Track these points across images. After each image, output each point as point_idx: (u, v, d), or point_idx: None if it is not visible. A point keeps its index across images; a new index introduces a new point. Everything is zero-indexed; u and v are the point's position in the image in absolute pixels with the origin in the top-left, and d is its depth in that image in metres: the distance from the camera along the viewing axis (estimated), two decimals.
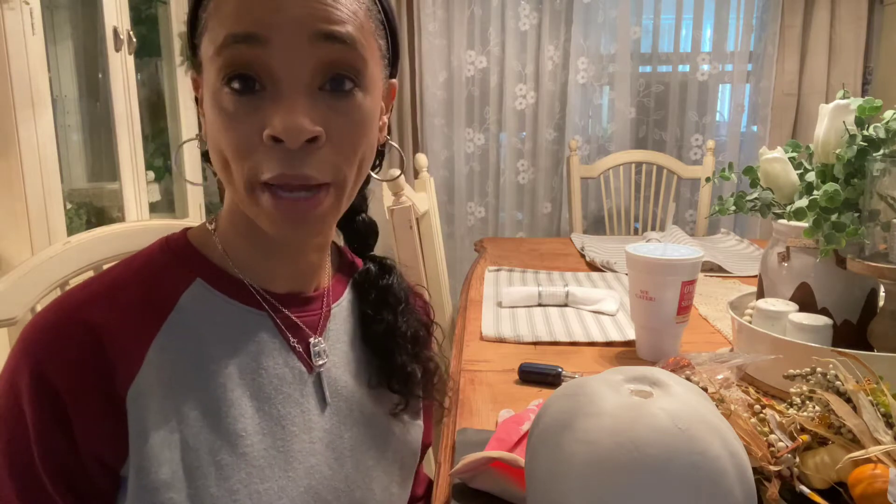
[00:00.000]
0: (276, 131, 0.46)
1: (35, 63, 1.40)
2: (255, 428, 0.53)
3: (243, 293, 0.56)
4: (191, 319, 0.53)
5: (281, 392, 0.56)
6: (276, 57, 0.47)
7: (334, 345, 0.62)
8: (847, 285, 0.89)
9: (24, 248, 1.39)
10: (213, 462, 0.51)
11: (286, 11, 0.46)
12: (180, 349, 0.52)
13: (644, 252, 0.99)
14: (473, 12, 2.63)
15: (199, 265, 0.56)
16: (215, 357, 0.53)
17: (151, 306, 0.52)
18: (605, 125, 2.76)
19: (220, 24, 0.48)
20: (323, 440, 0.58)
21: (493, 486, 0.67)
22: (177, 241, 0.58)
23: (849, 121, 0.87)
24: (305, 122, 0.46)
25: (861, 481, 0.54)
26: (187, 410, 0.51)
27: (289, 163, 0.47)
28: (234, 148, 0.48)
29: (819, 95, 2.54)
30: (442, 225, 2.13)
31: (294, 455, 0.55)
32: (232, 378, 0.53)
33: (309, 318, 0.60)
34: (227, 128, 0.48)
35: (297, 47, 0.47)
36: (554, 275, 1.58)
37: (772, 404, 0.64)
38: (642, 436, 0.45)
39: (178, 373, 0.51)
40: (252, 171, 0.48)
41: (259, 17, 0.46)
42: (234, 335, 0.55)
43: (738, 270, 1.62)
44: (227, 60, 0.47)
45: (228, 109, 0.48)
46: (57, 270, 0.83)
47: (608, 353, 1.08)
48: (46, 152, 1.44)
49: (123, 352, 0.50)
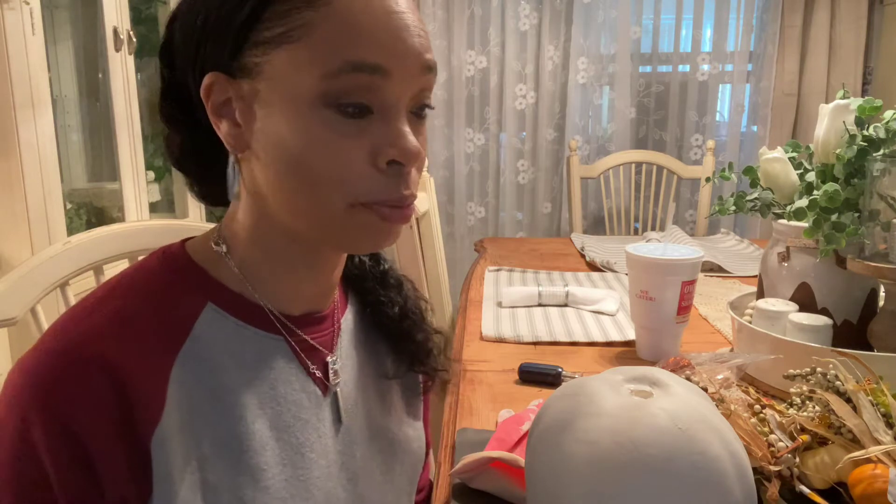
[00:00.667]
0: (397, 156, 0.48)
1: (35, 63, 1.40)
2: (276, 459, 0.52)
3: (257, 317, 0.54)
4: (206, 349, 0.50)
5: (299, 419, 0.54)
6: (393, 87, 0.47)
7: (345, 361, 0.60)
8: (847, 285, 0.89)
9: (24, 248, 1.39)
10: (236, 499, 0.49)
11: (405, 43, 0.47)
12: (197, 382, 0.49)
13: (644, 252, 0.99)
14: (473, 12, 2.63)
15: (209, 288, 0.52)
16: (232, 387, 0.51)
17: (165, 337, 0.49)
18: (605, 125, 2.76)
19: (333, 47, 0.45)
20: (337, 462, 0.57)
21: (493, 486, 0.67)
22: (177, 257, 0.54)
23: (849, 121, 0.87)
24: (417, 145, 0.49)
25: (861, 481, 0.54)
26: (206, 447, 0.49)
27: (404, 184, 0.49)
28: (336, 168, 0.47)
29: (819, 95, 2.54)
30: (442, 225, 2.13)
31: (313, 482, 0.54)
32: (250, 409, 0.51)
33: (323, 337, 0.58)
34: (330, 149, 0.46)
35: (412, 79, 0.48)
36: (554, 275, 1.58)
37: (772, 404, 0.64)
38: (642, 436, 0.45)
39: (196, 407, 0.49)
40: (356, 192, 0.48)
41: (384, 46, 0.46)
42: (249, 362, 0.52)
43: (738, 270, 1.62)
44: (345, 87, 0.46)
45: (334, 130, 0.46)
46: (57, 270, 0.83)
47: (608, 353, 1.08)
48: (46, 152, 1.44)
49: (142, 392, 0.46)
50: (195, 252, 0.54)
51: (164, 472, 0.47)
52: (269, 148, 0.48)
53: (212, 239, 0.55)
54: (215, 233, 0.55)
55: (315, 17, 0.45)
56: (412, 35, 0.47)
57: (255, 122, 0.48)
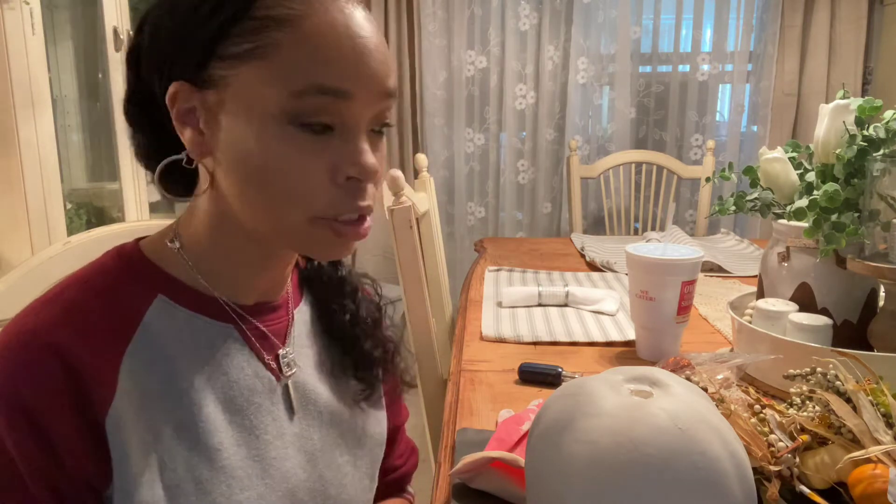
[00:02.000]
0: (356, 172, 0.51)
1: (35, 63, 1.40)
2: (231, 440, 0.54)
3: (207, 306, 0.56)
4: (156, 337, 0.53)
5: (252, 403, 0.57)
6: (354, 108, 0.50)
7: (300, 350, 0.63)
8: (847, 285, 0.89)
9: (24, 248, 1.40)
10: (193, 478, 0.51)
11: (368, 69, 0.50)
12: (149, 369, 0.52)
13: (644, 252, 0.99)
14: (473, 12, 2.63)
15: (159, 281, 0.55)
16: (184, 373, 0.53)
17: (115, 327, 0.52)
18: (605, 125, 2.76)
19: (299, 68, 0.48)
20: (294, 444, 0.60)
21: (493, 486, 0.67)
22: (130, 254, 0.56)
23: (849, 121, 0.87)
24: (377, 163, 0.52)
25: (861, 481, 0.54)
26: (162, 429, 0.51)
27: (361, 198, 0.52)
28: (296, 184, 0.50)
29: (819, 95, 2.54)
30: (442, 225, 2.13)
31: (270, 462, 0.57)
32: (203, 393, 0.54)
33: (276, 326, 0.61)
34: (290, 164, 0.49)
35: (373, 102, 0.51)
36: (554, 275, 1.58)
37: (772, 404, 0.64)
38: (642, 436, 0.45)
39: (150, 392, 0.51)
40: (315, 207, 0.51)
41: (349, 71, 0.49)
42: (201, 349, 0.55)
43: (738, 270, 1.62)
44: (309, 107, 0.49)
45: (295, 147, 0.49)
46: (57, 270, 0.83)
47: (608, 353, 1.08)
48: (46, 152, 1.44)
49: (93, 377, 0.49)
50: (148, 249, 0.57)
51: (121, 452, 0.49)
52: (232, 157, 0.51)
53: (167, 237, 0.57)
54: (171, 231, 0.58)
55: (283, 37, 0.48)
56: (375, 60, 0.50)
57: (219, 132, 0.51)
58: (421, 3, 2.57)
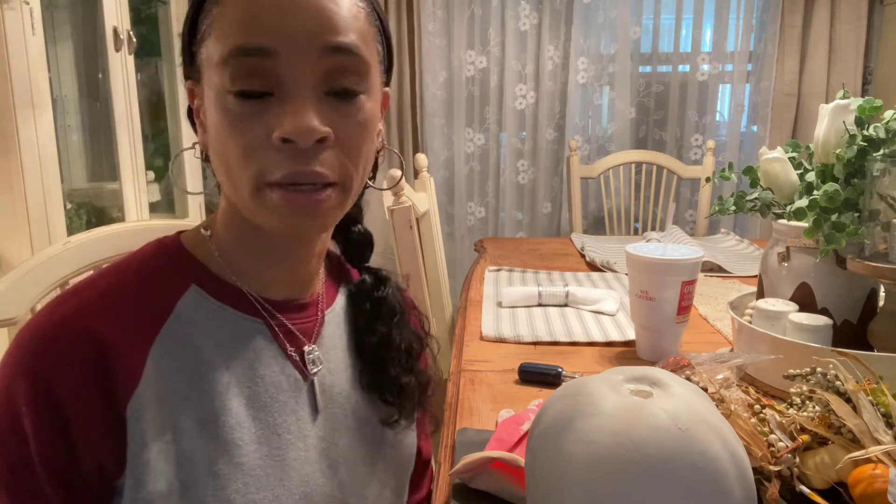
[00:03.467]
0: (287, 132, 0.47)
1: (35, 63, 1.40)
2: (252, 437, 0.53)
3: (239, 300, 0.56)
4: (187, 327, 0.53)
5: (277, 400, 0.56)
6: (284, 67, 0.48)
7: (329, 351, 0.62)
8: (847, 285, 0.89)
9: (24, 248, 1.39)
10: (210, 472, 0.51)
11: (295, 23, 0.47)
12: (177, 358, 0.52)
13: (644, 252, 0.99)
14: (473, 12, 2.63)
15: (194, 271, 0.55)
16: (212, 365, 0.53)
17: (148, 314, 0.52)
18: (605, 125, 2.76)
19: (225, 34, 0.48)
20: (317, 448, 0.58)
21: (493, 486, 0.67)
22: (170, 244, 0.57)
23: (849, 121, 0.87)
24: (315, 123, 0.48)
25: (861, 481, 0.54)
26: (184, 420, 0.51)
27: (299, 161, 0.48)
28: (240, 151, 0.49)
29: (819, 95, 2.54)
30: (442, 225, 2.13)
31: (289, 464, 0.55)
32: (228, 386, 0.53)
33: (305, 324, 0.60)
34: (234, 132, 0.49)
35: (306, 59, 0.48)
36: (554, 275, 1.58)
37: (772, 404, 0.64)
38: (642, 436, 0.45)
39: (175, 382, 0.51)
40: (259, 173, 0.49)
41: (268, 28, 0.47)
42: (230, 343, 0.54)
43: (738, 270, 1.62)
44: (235, 71, 0.48)
45: (235, 114, 0.48)
46: (57, 270, 0.83)
47: (608, 353, 1.08)
48: (46, 152, 1.44)
49: (123, 362, 0.49)
50: (187, 239, 0.57)
51: (138, 440, 0.49)
52: (210, 140, 0.52)
53: (202, 225, 0.58)
54: (207, 220, 0.59)
55: (221, 10, 0.49)
56: (306, 13, 0.48)
57: (205, 119, 0.52)
58: (421, 3, 2.57)
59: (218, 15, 0.49)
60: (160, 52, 2.09)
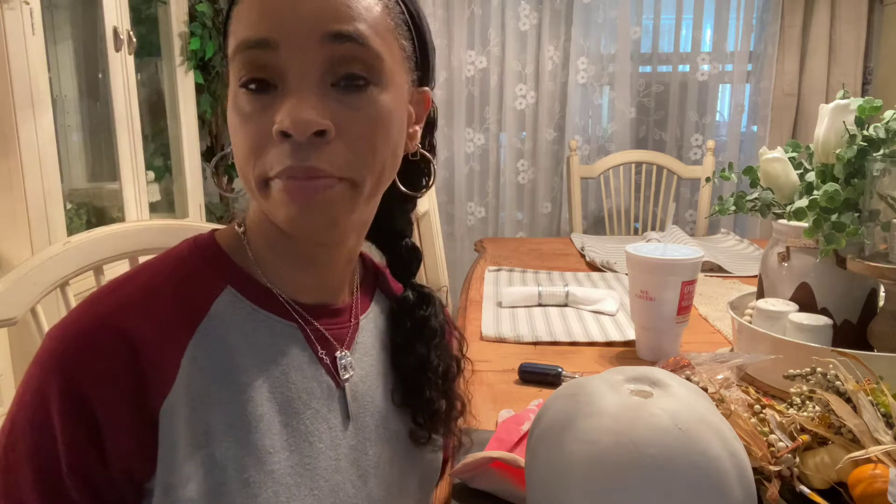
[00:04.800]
0: (284, 125, 0.46)
1: (35, 63, 1.40)
2: (283, 444, 0.52)
3: (273, 303, 0.55)
4: (221, 329, 0.52)
5: (309, 407, 0.55)
6: (285, 59, 0.47)
7: (361, 358, 0.60)
8: (847, 285, 0.89)
9: (24, 248, 1.40)
10: (241, 479, 0.49)
11: (296, 14, 0.47)
12: (211, 360, 0.50)
13: (644, 252, 0.99)
14: (473, 12, 2.63)
15: (229, 272, 0.54)
16: (245, 369, 0.52)
17: (184, 315, 0.51)
18: (605, 125, 2.76)
19: (235, 33, 0.49)
20: (348, 457, 0.57)
21: (493, 486, 0.67)
22: (205, 243, 0.56)
23: (849, 121, 0.87)
24: (311, 115, 0.46)
25: (861, 481, 0.54)
26: (216, 424, 0.49)
27: (297, 155, 0.47)
28: (247, 148, 0.49)
29: (819, 95, 2.54)
30: (442, 225, 2.13)
31: (320, 472, 0.54)
32: (261, 391, 0.52)
33: (338, 330, 0.58)
34: (242, 128, 0.49)
35: (307, 49, 0.47)
36: (554, 275, 1.58)
37: (772, 404, 0.64)
38: (642, 436, 0.45)
39: (208, 385, 0.50)
40: (262, 168, 0.48)
41: (270, 22, 0.47)
42: (263, 346, 0.53)
43: (738, 270, 1.62)
44: (240, 64, 0.48)
45: (244, 110, 0.48)
46: (57, 270, 0.83)
47: (608, 353, 1.08)
48: (46, 152, 1.44)
49: (157, 363, 0.48)
50: (223, 238, 0.57)
51: (169, 443, 0.48)
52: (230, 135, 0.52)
53: (236, 223, 0.57)
54: (240, 219, 0.57)
55: (238, 10, 0.49)
56: (307, 4, 0.47)
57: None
58: (421, 3, 2.57)
59: (235, 15, 0.49)
60: (160, 52, 2.09)
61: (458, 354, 0.67)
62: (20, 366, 1.42)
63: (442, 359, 0.64)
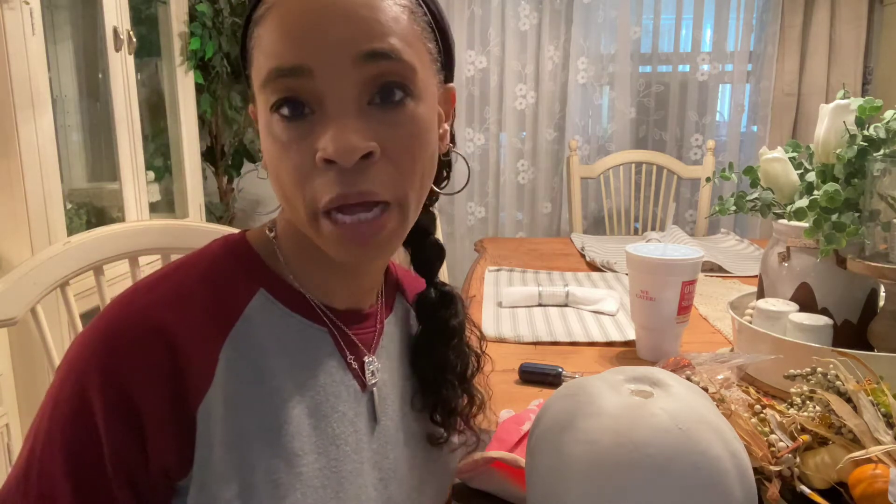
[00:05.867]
0: (328, 153, 0.45)
1: (35, 63, 1.40)
2: (312, 447, 0.52)
3: (304, 307, 0.55)
4: (255, 331, 0.52)
5: (337, 410, 0.55)
6: (321, 83, 0.46)
7: (384, 362, 0.60)
8: (847, 285, 0.89)
9: (24, 248, 1.39)
10: (270, 480, 0.50)
11: (327, 37, 0.46)
12: (244, 362, 0.50)
13: (644, 252, 0.99)
14: (473, 12, 2.63)
15: (262, 275, 0.54)
16: (276, 371, 0.52)
17: (219, 315, 0.51)
18: (605, 125, 2.76)
19: (264, 57, 0.47)
20: (370, 460, 0.57)
21: (493, 486, 0.67)
22: (238, 244, 0.56)
23: (849, 121, 0.87)
24: (356, 139, 0.45)
25: (861, 481, 0.54)
26: (248, 426, 0.50)
27: (345, 181, 0.46)
28: (291, 177, 0.47)
29: (819, 95, 2.54)
30: (442, 225, 2.13)
31: (345, 476, 0.54)
32: (292, 394, 0.52)
33: (365, 335, 0.59)
34: (282, 157, 0.47)
35: (342, 71, 0.46)
36: (554, 275, 1.58)
37: (772, 404, 0.64)
38: (643, 436, 0.45)
39: (241, 386, 0.50)
40: (311, 199, 0.47)
41: (301, 47, 0.46)
42: (295, 350, 0.54)
43: (738, 270, 1.62)
44: (274, 93, 0.47)
45: (281, 138, 0.47)
46: (57, 270, 0.83)
47: (608, 353, 1.08)
48: (46, 152, 1.44)
49: (194, 362, 0.48)
50: (255, 241, 0.56)
51: (206, 442, 0.48)
52: (266, 161, 0.51)
53: (267, 226, 0.57)
54: (271, 223, 0.57)
55: (260, 32, 0.48)
56: (338, 23, 0.45)
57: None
58: None
59: (258, 38, 0.48)
60: (160, 52, 2.09)
61: (478, 351, 0.68)
62: (20, 366, 1.42)
63: (461, 358, 0.64)
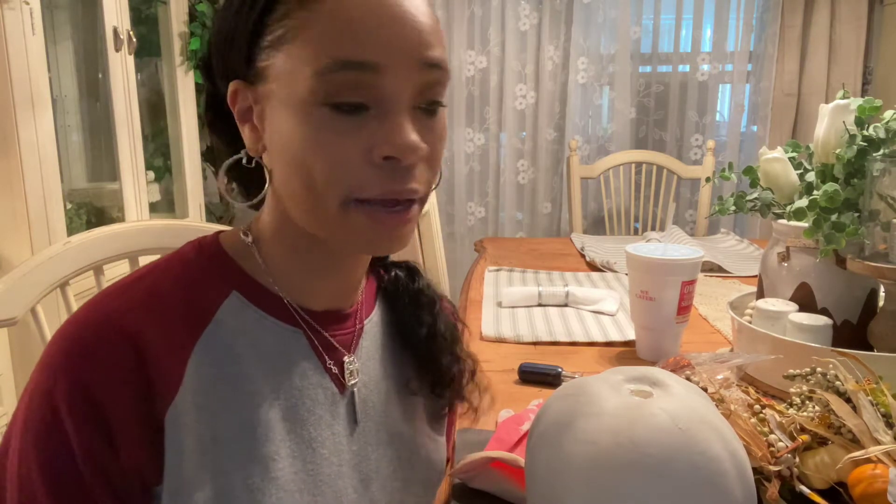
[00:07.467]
0: (393, 150, 0.46)
1: (35, 63, 1.40)
2: (287, 451, 0.52)
3: (280, 309, 0.54)
4: (227, 334, 0.51)
5: (313, 414, 0.55)
6: (387, 82, 0.46)
7: (366, 363, 0.60)
8: (847, 285, 0.89)
9: (24, 248, 1.40)
10: (245, 485, 0.49)
11: (398, 38, 0.46)
12: (216, 366, 0.50)
13: (644, 252, 0.99)
14: (473, 12, 2.63)
15: (236, 277, 0.54)
16: (250, 376, 0.52)
17: (190, 319, 0.51)
18: (605, 125, 2.76)
19: (322, 45, 0.46)
20: (350, 462, 0.57)
21: (493, 486, 0.67)
22: (210, 246, 0.55)
23: (849, 121, 0.87)
24: (417, 139, 0.47)
25: (861, 481, 0.54)
26: (221, 431, 0.49)
27: (398, 179, 0.48)
28: (328, 166, 0.47)
29: (819, 95, 2.54)
30: (442, 225, 2.13)
31: (322, 479, 0.54)
32: (266, 398, 0.52)
33: (344, 336, 0.58)
34: (323, 146, 0.47)
35: (408, 73, 0.47)
36: (554, 275, 1.58)
37: (772, 404, 0.64)
38: (642, 436, 0.45)
39: (214, 391, 0.50)
40: (350, 189, 0.47)
41: (373, 42, 0.46)
42: (269, 353, 0.53)
43: (738, 270, 1.62)
44: (333, 84, 0.46)
45: (327, 127, 0.46)
46: (57, 270, 0.83)
47: (608, 353, 1.08)
48: (46, 152, 1.44)
49: (162, 368, 0.48)
50: (228, 243, 0.56)
51: (176, 448, 0.48)
52: (278, 148, 0.49)
53: (242, 230, 0.56)
54: (246, 225, 0.57)
55: (308, 16, 0.46)
56: (408, 27, 0.46)
57: (269, 125, 0.50)
58: None
59: (305, 20, 0.46)
60: (160, 52, 2.09)
61: (454, 319, 0.69)
62: (20, 366, 1.42)
63: (446, 325, 0.65)
